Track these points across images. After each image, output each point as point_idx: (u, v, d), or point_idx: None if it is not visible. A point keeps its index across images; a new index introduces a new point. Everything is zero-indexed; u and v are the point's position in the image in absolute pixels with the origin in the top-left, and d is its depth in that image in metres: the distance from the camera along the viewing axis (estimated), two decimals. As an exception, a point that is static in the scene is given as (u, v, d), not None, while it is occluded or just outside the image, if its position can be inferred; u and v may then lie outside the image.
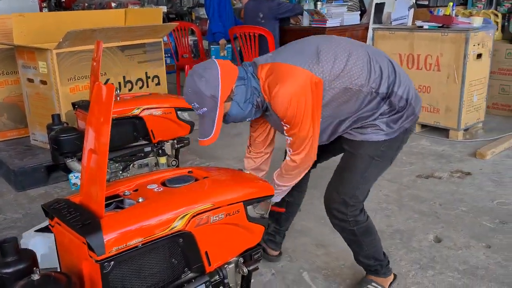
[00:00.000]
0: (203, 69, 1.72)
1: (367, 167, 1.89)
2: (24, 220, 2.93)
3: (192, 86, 1.70)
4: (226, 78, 1.71)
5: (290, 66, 1.75)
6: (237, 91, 1.75)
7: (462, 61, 3.87)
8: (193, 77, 1.71)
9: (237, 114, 1.79)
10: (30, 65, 3.55)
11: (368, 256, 2.02)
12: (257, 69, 1.82)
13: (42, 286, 1.19)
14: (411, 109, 1.87)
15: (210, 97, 1.68)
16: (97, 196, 1.32)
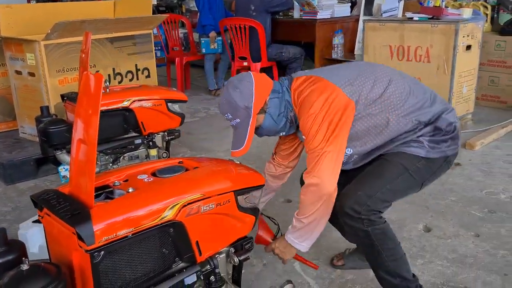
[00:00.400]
0: (238, 80, 1.74)
1: (397, 177, 1.73)
2: (14, 214, 2.91)
3: (226, 96, 1.73)
4: (260, 90, 1.72)
5: (323, 80, 1.73)
6: (271, 103, 1.75)
7: (452, 53, 3.88)
8: (228, 88, 1.74)
9: (270, 127, 1.79)
10: (18, 57, 3.50)
11: (390, 272, 1.74)
12: (292, 82, 1.81)
13: (31, 276, 1.18)
14: (456, 136, 1.80)
15: (244, 108, 1.70)
16: (87, 186, 1.31)
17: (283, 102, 1.77)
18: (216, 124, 4.71)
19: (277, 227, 1.99)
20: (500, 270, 2.16)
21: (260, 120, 1.75)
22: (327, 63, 5.27)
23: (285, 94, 1.79)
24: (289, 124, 1.82)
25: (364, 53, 4.53)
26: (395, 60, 4.28)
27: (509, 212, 2.69)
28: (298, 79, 1.80)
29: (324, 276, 2.19)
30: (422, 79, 4.14)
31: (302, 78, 1.78)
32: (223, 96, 1.76)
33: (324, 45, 5.20)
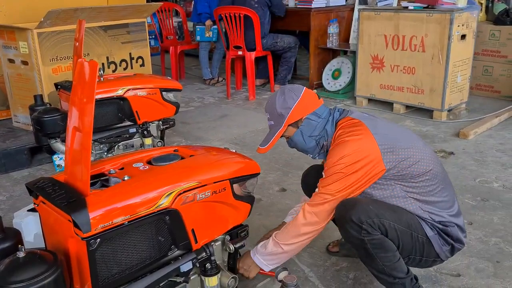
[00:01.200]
0: (289, 89, 1.83)
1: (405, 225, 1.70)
2: (8, 203, 2.90)
3: (272, 98, 1.84)
4: (301, 107, 1.78)
5: (370, 135, 1.69)
6: (306, 123, 1.80)
7: (447, 42, 3.89)
8: (278, 92, 1.84)
9: (298, 143, 1.85)
10: (10, 45, 3.47)
11: (385, 272, 1.73)
12: (343, 117, 1.81)
13: (27, 263, 1.18)
14: (452, 253, 1.82)
15: (279, 115, 1.79)
16: (82, 174, 1.31)
17: (319, 128, 1.80)
18: (210, 113, 4.70)
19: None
20: (492, 257, 2.19)
21: (290, 132, 1.83)
22: (322, 52, 5.26)
23: (327, 123, 1.81)
24: (319, 149, 1.85)
25: (359, 43, 4.53)
26: (390, 49, 4.28)
27: (501, 200, 2.72)
28: (350, 119, 1.78)
29: (319, 264, 2.21)
30: (416, 68, 4.15)
31: (354, 121, 1.76)
32: (271, 96, 1.87)
33: (319, 34, 5.19)
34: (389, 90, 4.42)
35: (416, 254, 1.75)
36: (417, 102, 4.25)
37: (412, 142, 1.77)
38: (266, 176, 3.11)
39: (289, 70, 5.45)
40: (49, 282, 1.16)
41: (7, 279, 1.14)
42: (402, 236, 1.68)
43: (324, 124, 1.81)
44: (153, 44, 7.22)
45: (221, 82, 5.90)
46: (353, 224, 1.63)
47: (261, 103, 5.02)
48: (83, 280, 1.32)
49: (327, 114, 1.83)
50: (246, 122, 4.35)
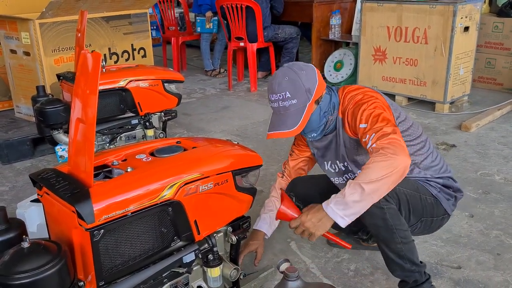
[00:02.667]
0: (302, 64, 1.71)
1: (412, 190, 1.74)
2: (11, 193, 2.92)
3: (290, 75, 1.65)
4: (320, 81, 1.70)
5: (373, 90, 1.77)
6: (324, 98, 1.72)
7: (450, 34, 3.87)
8: (293, 68, 1.67)
9: (314, 121, 1.72)
10: (12, 36, 3.47)
11: (401, 255, 1.67)
12: (339, 88, 1.81)
13: (32, 253, 1.19)
14: (456, 204, 1.90)
15: (306, 90, 1.64)
16: (86, 165, 1.31)
17: (330, 102, 1.75)
18: (212, 105, 4.70)
19: None
20: (493, 250, 2.20)
21: (311, 110, 1.69)
22: (324, 43, 5.24)
23: (333, 95, 1.77)
24: (323, 127, 1.78)
25: (362, 34, 4.51)
26: (392, 41, 4.26)
27: (503, 193, 2.72)
28: (347, 86, 1.81)
29: (320, 255, 2.22)
30: (419, 60, 4.14)
31: (354, 86, 1.79)
32: (283, 74, 1.66)
33: (321, 26, 5.17)
34: (391, 82, 4.41)
35: (427, 216, 1.79)
36: (419, 94, 4.24)
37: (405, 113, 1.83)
38: (268, 168, 3.12)
39: (291, 61, 5.40)
40: (53, 272, 1.17)
41: (12, 269, 1.14)
42: (412, 200, 1.71)
43: (331, 97, 1.76)
44: (155, 35, 7.19)
45: (222, 74, 5.89)
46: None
47: (263, 94, 5.01)
48: (87, 270, 1.33)
49: (330, 89, 1.80)
50: (248, 114, 4.35)
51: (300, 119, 1.64)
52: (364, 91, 1.73)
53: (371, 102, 1.66)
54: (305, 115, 1.65)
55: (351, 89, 1.77)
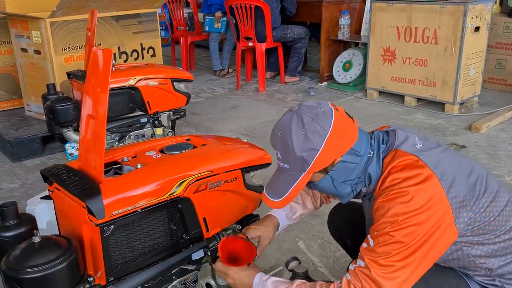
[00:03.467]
0: (313, 116, 1.22)
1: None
2: (21, 190, 2.94)
3: (285, 131, 1.24)
4: (333, 145, 1.22)
5: (435, 182, 1.19)
6: (339, 166, 1.26)
7: (460, 34, 3.85)
8: (293, 119, 1.23)
9: (326, 188, 1.32)
10: (23, 35, 3.49)
11: None
12: (391, 149, 1.29)
13: (43, 248, 1.20)
14: None
15: (299, 159, 1.22)
16: (96, 162, 1.32)
17: (357, 171, 1.27)
18: (221, 104, 4.71)
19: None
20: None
21: (315, 178, 1.28)
22: (333, 44, 5.23)
23: (369, 163, 1.28)
24: (353, 195, 1.34)
25: (371, 34, 4.50)
26: (402, 41, 4.25)
27: (513, 194, 2.70)
28: (403, 154, 1.25)
29: (329, 255, 2.21)
30: (429, 61, 4.12)
31: (410, 159, 1.24)
32: (280, 124, 1.27)
33: (330, 26, 5.15)
34: (401, 82, 4.39)
35: None
36: (429, 95, 4.22)
37: (487, 181, 1.29)
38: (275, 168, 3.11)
39: (299, 61, 5.43)
40: (64, 267, 1.18)
41: (23, 263, 1.15)
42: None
43: (365, 164, 1.28)
44: (164, 35, 7.21)
45: (231, 74, 5.90)
46: None
47: (272, 94, 5.01)
48: (97, 266, 1.34)
49: (366, 146, 1.28)
50: (256, 114, 4.35)
51: (288, 190, 1.26)
52: (414, 196, 1.17)
53: (403, 226, 1.16)
54: (296, 187, 1.26)
55: (398, 167, 1.24)
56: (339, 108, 1.28)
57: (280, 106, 4.58)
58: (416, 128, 3.79)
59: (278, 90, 5.17)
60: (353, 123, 1.27)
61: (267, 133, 3.82)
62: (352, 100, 4.69)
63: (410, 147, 1.27)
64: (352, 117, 1.30)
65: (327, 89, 5.10)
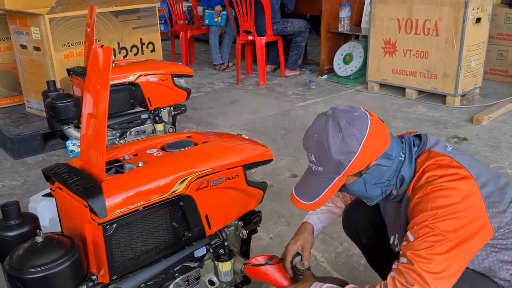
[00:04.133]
0: (349, 120, 1.23)
1: None
2: (23, 188, 2.94)
3: (321, 135, 1.25)
4: (369, 149, 1.24)
5: (471, 179, 1.22)
6: (373, 170, 1.28)
7: (461, 26, 3.83)
8: (329, 123, 1.25)
9: (357, 191, 1.34)
10: (22, 31, 3.48)
11: None
12: (423, 151, 1.31)
13: (46, 248, 1.20)
14: None
15: (335, 162, 1.24)
16: (98, 160, 1.32)
17: (389, 174, 1.30)
18: (221, 99, 4.70)
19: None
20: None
21: (348, 181, 1.29)
22: (333, 36, 5.21)
23: (401, 165, 1.30)
24: (382, 197, 1.36)
25: (371, 27, 4.48)
26: (403, 33, 4.23)
27: (515, 186, 2.70)
28: (436, 155, 1.27)
29: (331, 250, 2.22)
30: (430, 53, 4.10)
31: (444, 159, 1.26)
32: (315, 128, 1.28)
33: (330, 18, 5.13)
34: (402, 75, 4.37)
35: None
36: (430, 87, 4.21)
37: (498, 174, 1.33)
38: (277, 162, 3.11)
39: (299, 55, 5.41)
40: (67, 266, 1.18)
41: (26, 263, 1.15)
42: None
43: (397, 168, 1.30)
44: (163, 29, 7.19)
45: (231, 68, 5.88)
46: None
47: (272, 88, 5.00)
48: (100, 264, 1.34)
49: (397, 150, 1.30)
50: (257, 108, 4.35)
51: (321, 193, 1.28)
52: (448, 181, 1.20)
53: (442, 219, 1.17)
54: (330, 190, 1.27)
55: (434, 166, 1.26)
56: (372, 113, 1.30)
57: (280, 100, 4.58)
58: (418, 121, 3.78)
59: (279, 84, 5.16)
60: (385, 127, 1.30)
61: (267, 128, 3.81)
62: (352, 93, 4.68)
63: (442, 149, 1.29)
64: (383, 121, 1.32)
65: (328, 82, 5.09)
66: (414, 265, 1.16)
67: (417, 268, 1.16)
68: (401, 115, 3.94)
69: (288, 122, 3.94)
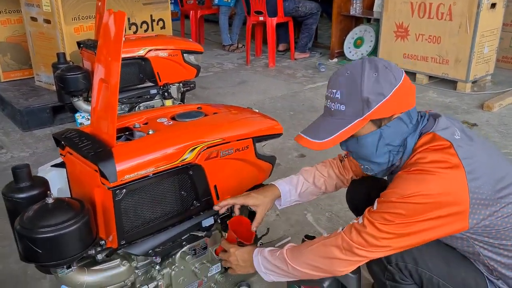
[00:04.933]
0: (385, 65, 1.22)
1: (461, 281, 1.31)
2: (32, 159, 2.96)
3: (355, 71, 1.22)
4: (398, 98, 1.21)
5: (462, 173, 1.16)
6: (394, 124, 1.23)
7: (476, 11, 3.77)
8: (366, 63, 1.23)
9: (366, 148, 1.27)
10: (33, 3, 3.47)
11: None
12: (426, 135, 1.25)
13: (56, 209, 1.21)
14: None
15: (363, 100, 1.19)
16: (108, 127, 1.32)
17: (403, 136, 1.25)
18: (229, 79, 4.68)
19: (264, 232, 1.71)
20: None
21: (363, 130, 1.23)
22: (344, 19, 5.15)
23: (410, 133, 1.26)
24: (386, 168, 1.31)
25: (384, 10, 4.42)
26: (416, 17, 4.17)
27: (524, 172, 2.68)
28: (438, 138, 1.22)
29: (337, 228, 2.21)
30: (442, 38, 4.05)
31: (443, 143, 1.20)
32: (349, 66, 1.25)
33: (342, 1, 5.07)
34: (413, 60, 4.33)
35: None
36: (441, 73, 4.16)
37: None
38: (285, 142, 3.11)
39: (310, 37, 5.36)
40: (77, 228, 1.18)
41: (37, 223, 1.16)
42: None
43: (407, 133, 1.25)
44: (173, 9, 7.14)
45: (240, 49, 5.85)
46: (378, 260, 1.28)
47: (281, 70, 4.97)
48: (109, 229, 1.35)
49: (416, 119, 1.28)
50: (265, 89, 4.33)
51: (336, 132, 1.22)
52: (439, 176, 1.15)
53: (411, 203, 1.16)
54: (346, 131, 1.21)
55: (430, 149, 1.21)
56: (408, 79, 1.27)
57: (289, 81, 4.55)
58: (428, 106, 3.75)
59: (288, 66, 5.13)
60: (414, 94, 1.27)
61: (276, 108, 3.80)
62: (362, 77, 4.64)
63: (449, 135, 1.23)
64: None
65: (338, 66, 5.05)
66: (366, 229, 1.20)
67: (365, 235, 1.20)
68: (410, 99, 3.91)
69: (297, 103, 3.92)
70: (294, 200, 1.65)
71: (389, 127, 1.23)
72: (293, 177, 1.66)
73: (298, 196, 1.65)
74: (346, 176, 1.66)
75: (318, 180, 1.65)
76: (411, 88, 1.25)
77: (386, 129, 1.23)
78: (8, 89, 3.77)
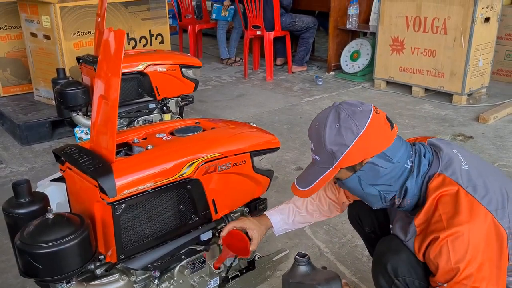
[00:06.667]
0: (350, 113, 1.23)
1: None
2: (31, 173, 2.97)
3: (321, 123, 1.26)
4: (363, 145, 1.22)
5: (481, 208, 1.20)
6: (367, 168, 1.25)
7: (470, 25, 3.82)
8: (331, 113, 1.26)
9: (353, 189, 1.32)
10: (33, 19, 3.51)
11: None
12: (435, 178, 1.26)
13: (56, 224, 1.22)
14: None
15: (329, 152, 1.24)
16: (108, 142, 1.34)
17: (387, 177, 1.27)
18: (227, 92, 4.71)
19: None
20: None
21: (342, 175, 1.30)
22: (341, 33, 5.21)
23: (409, 174, 1.27)
24: (382, 202, 1.33)
25: (380, 24, 4.48)
26: (411, 31, 4.23)
27: (520, 184, 2.70)
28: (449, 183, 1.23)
29: (335, 241, 2.23)
30: (437, 51, 4.10)
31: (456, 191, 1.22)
32: (319, 117, 1.30)
33: (338, 15, 5.13)
34: (409, 73, 4.37)
35: None
36: (437, 86, 4.21)
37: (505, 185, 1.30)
38: (283, 155, 3.13)
39: (307, 51, 5.42)
40: (77, 243, 1.20)
41: (37, 238, 1.18)
42: None
43: (398, 173, 1.26)
44: (171, 23, 7.21)
45: (238, 62, 5.89)
46: (385, 273, 1.30)
47: (279, 83, 5.01)
48: (108, 244, 1.36)
49: (403, 156, 1.27)
50: (263, 102, 4.36)
51: (314, 181, 1.29)
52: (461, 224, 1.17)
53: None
54: (322, 179, 1.28)
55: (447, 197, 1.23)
56: (380, 112, 1.27)
57: (287, 95, 4.58)
58: (424, 119, 3.79)
59: (286, 79, 5.17)
60: (390, 129, 1.25)
61: (274, 121, 3.83)
62: (359, 90, 4.68)
63: (457, 171, 1.25)
64: (393, 124, 1.28)
65: (335, 79, 5.09)
66: None
67: None
68: (407, 112, 3.95)
69: (294, 116, 3.95)
70: (288, 229, 1.71)
71: (364, 171, 1.26)
72: (284, 207, 1.70)
73: (292, 224, 1.69)
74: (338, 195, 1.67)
75: (310, 206, 1.69)
76: (381, 130, 1.24)
77: (362, 173, 1.27)
78: (8, 104, 3.80)
